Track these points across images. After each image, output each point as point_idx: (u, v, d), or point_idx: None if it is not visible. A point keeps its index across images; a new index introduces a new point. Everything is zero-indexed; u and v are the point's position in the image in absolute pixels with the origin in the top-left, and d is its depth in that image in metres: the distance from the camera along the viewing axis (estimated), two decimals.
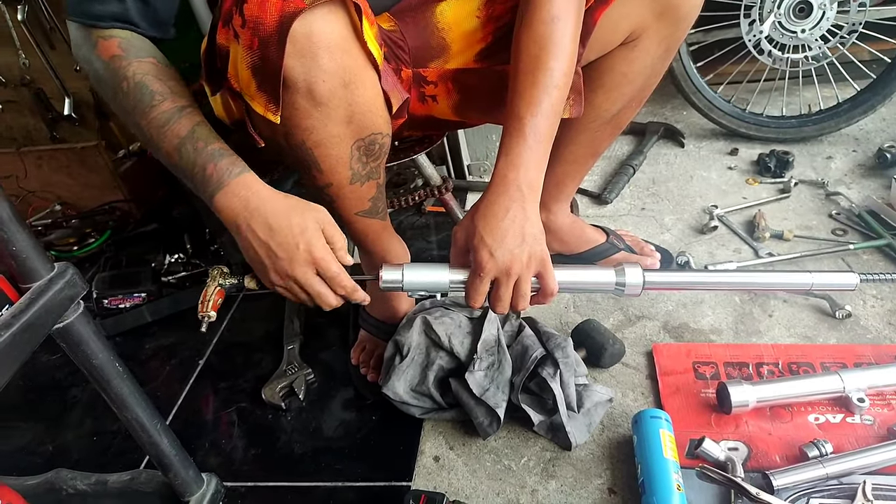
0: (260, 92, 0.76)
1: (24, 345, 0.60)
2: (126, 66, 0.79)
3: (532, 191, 0.82)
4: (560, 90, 0.83)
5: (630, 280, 0.88)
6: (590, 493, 0.93)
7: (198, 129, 0.79)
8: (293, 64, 0.73)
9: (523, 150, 0.82)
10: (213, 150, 0.78)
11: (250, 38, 0.72)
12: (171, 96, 0.80)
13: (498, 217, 0.80)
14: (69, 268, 0.67)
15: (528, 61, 0.83)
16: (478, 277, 0.81)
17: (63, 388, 1.35)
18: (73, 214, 1.96)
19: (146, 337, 1.46)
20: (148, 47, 0.82)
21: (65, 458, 1.17)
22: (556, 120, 0.84)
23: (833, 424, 0.95)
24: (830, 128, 1.65)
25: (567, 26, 0.83)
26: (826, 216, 1.42)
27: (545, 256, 0.83)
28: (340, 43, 0.75)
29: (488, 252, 0.80)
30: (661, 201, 1.58)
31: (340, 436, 1.11)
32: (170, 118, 0.79)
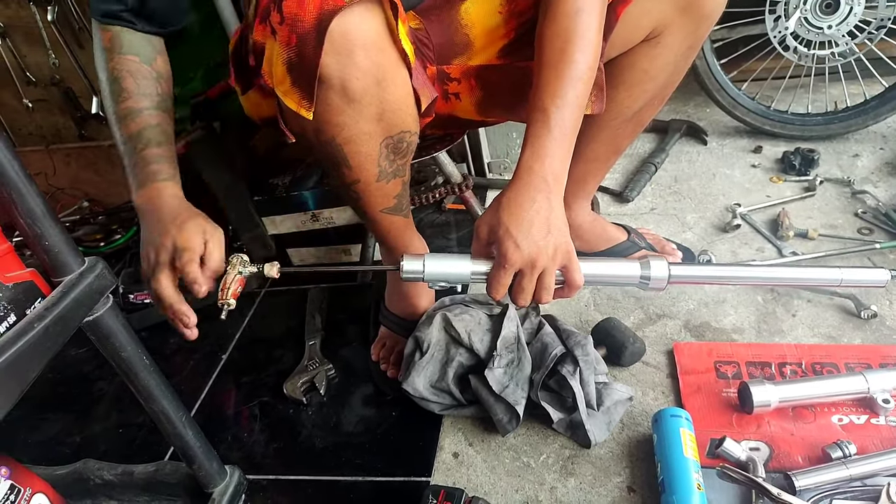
0: (294, 88, 0.77)
1: (56, 336, 0.61)
2: (110, 60, 0.90)
3: (557, 182, 0.82)
4: (585, 83, 0.83)
5: (655, 273, 0.86)
6: (609, 492, 0.93)
7: (146, 132, 0.88)
8: (329, 61, 0.74)
9: (548, 141, 0.81)
10: (151, 154, 0.87)
11: (288, 35, 0.73)
12: (136, 96, 0.89)
13: (524, 208, 0.80)
14: (99, 262, 0.68)
15: (553, 54, 0.83)
16: (502, 269, 0.80)
17: (90, 381, 1.38)
18: (100, 211, 2.00)
19: (170, 332, 1.46)
20: (136, 44, 0.91)
21: (92, 449, 1.20)
22: (580, 113, 0.84)
23: (857, 425, 0.94)
24: (857, 125, 1.63)
25: (591, 18, 0.83)
26: (852, 215, 1.40)
27: (571, 249, 0.82)
28: (376, 41, 0.76)
29: (514, 243, 0.79)
30: (684, 199, 1.56)
31: (360, 431, 1.12)
32: (127, 115, 0.88)
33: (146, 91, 0.90)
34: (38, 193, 0.61)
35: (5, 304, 0.60)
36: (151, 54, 0.93)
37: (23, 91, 1.95)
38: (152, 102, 0.90)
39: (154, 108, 0.90)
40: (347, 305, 1.43)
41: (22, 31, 1.83)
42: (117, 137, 0.90)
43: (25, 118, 2.03)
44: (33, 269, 0.65)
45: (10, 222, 0.63)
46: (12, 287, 0.62)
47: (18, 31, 1.84)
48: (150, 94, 0.91)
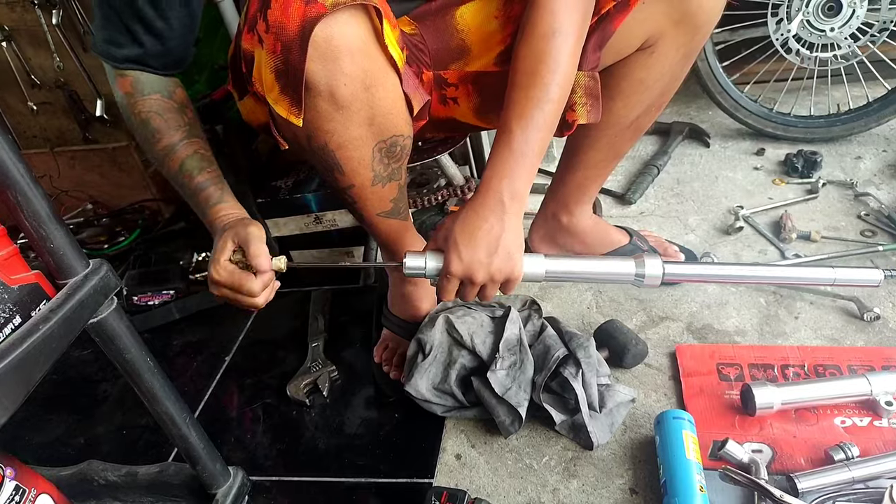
0: (283, 95, 0.78)
1: (61, 338, 0.62)
2: (134, 104, 0.92)
3: (515, 202, 0.83)
4: (554, 104, 0.83)
5: (650, 271, 0.88)
6: (611, 493, 0.93)
7: (186, 162, 0.92)
8: (315, 68, 0.75)
9: (510, 161, 0.83)
10: (198, 183, 0.92)
11: (273, 43, 0.74)
12: (167, 133, 0.92)
13: (475, 225, 0.82)
14: (104, 264, 0.69)
15: (524, 75, 0.83)
16: (444, 277, 0.84)
17: (94, 382, 1.39)
18: (104, 213, 2.01)
19: (174, 333, 1.49)
20: (155, 83, 0.94)
21: (95, 450, 1.20)
22: (547, 134, 0.85)
23: (860, 428, 0.94)
24: (860, 127, 1.63)
25: (566, 41, 0.83)
26: (855, 217, 1.40)
27: (513, 272, 0.84)
28: (361, 47, 0.76)
29: (457, 256, 0.82)
30: (686, 202, 1.56)
31: (363, 432, 1.12)
32: (167, 154, 0.92)
33: (175, 125, 0.93)
34: (43, 196, 0.62)
35: (11, 306, 0.61)
36: (171, 87, 0.96)
37: (27, 94, 1.96)
38: (183, 134, 0.94)
39: (186, 139, 0.94)
40: (350, 308, 1.43)
41: (27, 34, 1.84)
42: (168, 175, 0.95)
43: (30, 121, 2.03)
44: (38, 271, 0.66)
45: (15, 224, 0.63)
46: (17, 289, 0.62)
47: (23, 35, 1.84)
48: (180, 126, 0.94)
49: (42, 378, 0.61)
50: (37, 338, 0.59)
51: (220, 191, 0.93)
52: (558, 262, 0.88)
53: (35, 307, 0.64)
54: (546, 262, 0.87)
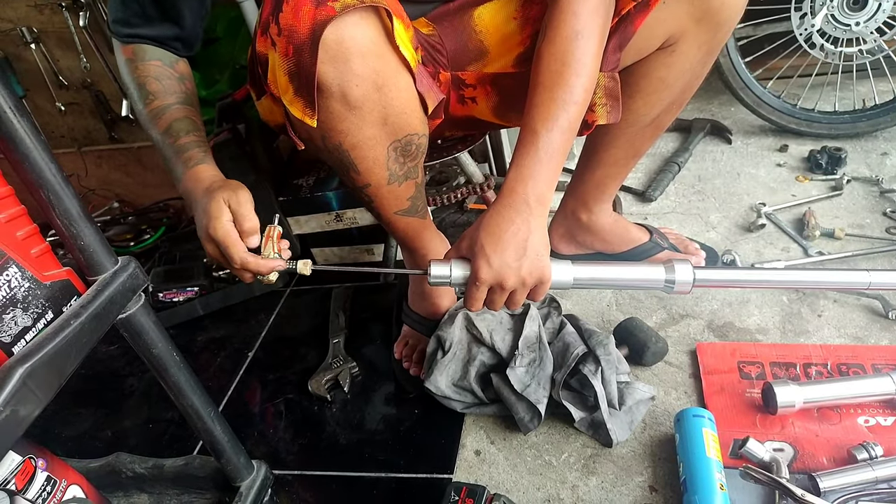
0: (297, 97, 0.79)
1: (92, 333, 0.63)
2: (135, 68, 0.95)
3: (540, 204, 0.82)
4: (579, 106, 0.83)
5: (680, 277, 0.86)
6: (630, 491, 0.93)
7: (175, 124, 0.93)
8: (326, 70, 0.76)
9: (534, 163, 0.82)
10: (182, 144, 0.91)
11: (286, 46, 0.75)
12: (161, 95, 0.94)
13: (501, 228, 0.81)
14: (132, 261, 0.70)
15: (549, 76, 0.83)
16: (473, 285, 0.83)
17: (121, 377, 1.42)
18: (130, 211, 2.05)
19: (198, 330, 1.52)
20: (158, 52, 0.96)
21: (123, 443, 1.23)
22: (571, 135, 0.84)
23: (884, 427, 0.93)
24: (886, 123, 1.60)
25: (590, 43, 0.83)
26: (880, 214, 1.38)
27: (544, 274, 0.83)
28: (372, 48, 0.77)
29: (486, 262, 0.81)
30: (707, 199, 1.55)
31: (383, 428, 1.13)
32: (157, 114, 0.93)
33: (171, 90, 0.96)
34: (74, 195, 0.63)
35: (43, 301, 0.63)
36: (173, 59, 0.98)
37: (55, 94, 2.00)
38: (178, 99, 0.96)
39: (180, 103, 0.95)
40: (370, 304, 1.45)
41: (55, 36, 1.88)
42: (153, 137, 0.95)
43: (58, 121, 2.08)
44: (69, 268, 0.67)
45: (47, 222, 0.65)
46: (49, 285, 0.64)
47: (51, 37, 1.89)
48: (175, 91, 0.96)
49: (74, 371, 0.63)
50: (68, 332, 0.60)
51: (203, 153, 0.92)
52: (586, 269, 0.87)
53: (66, 303, 0.65)
54: (574, 270, 0.86)
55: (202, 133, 0.96)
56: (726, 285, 1.09)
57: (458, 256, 0.86)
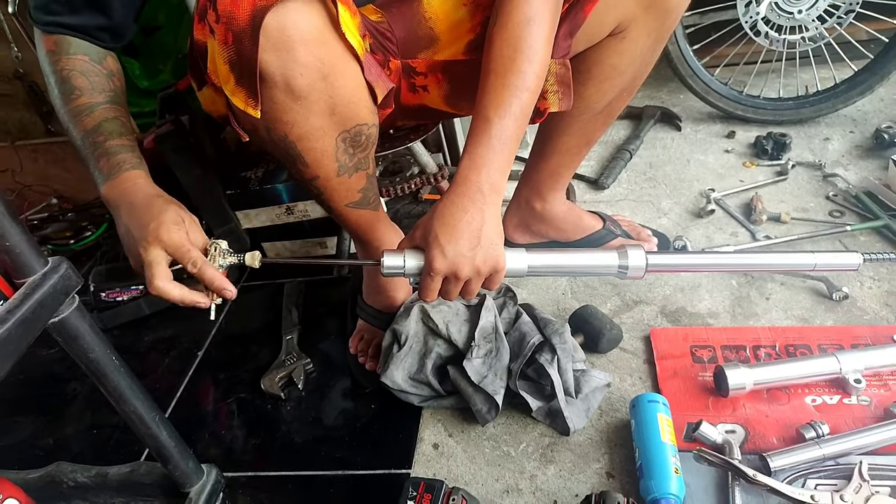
0: (239, 87, 0.76)
1: (20, 339, 0.60)
2: (57, 61, 0.87)
3: (494, 193, 0.82)
4: (531, 93, 0.82)
5: (633, 262, 0.87)
6: (588, 478, 0.93)
7: (105, 124, 0.86)
8: (269, 58, 0.73)
9: (487, 151, 0.81)
10: (112, 146, 0.85)
11: (224, 33, 0.72)
12: (89, 92, 0.87)
13: (455, 217, 0.80)
14: (63, 262, 0.66)
15: (501, 63, 0.82)
16: (428, 276, 0.81)
17: (62, 381, 1.36)
18: (69, 208, 1.96)
19: (144, 329, 1.46)
20: (83, 45, 0.89)
21: (65, 451, 1.18)
22: (524, 122, 0.83)
23: (830, 406, 0.95)
24: (828, 109, 1.65)
25: (541, 29, 0.82)
26: (823, 198, 1.42)
27: (498, 262, 0.82)
28: (316, 35, 0.74)
29: (440, 252, 0.80)
30: (658, 186, 1.57)
31: (340, 425, 1.11)
32: (82, 111, 0.86)
33: (99, 87, 0.89)
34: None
35: None
36: (101, 54, 0.91)
37: None
38: (107, 97, 0.89)
39: (110, 102, 0.89)
40: (324, 299, 1.42)
41: None
42: (73, 135, 0.87)
43: None
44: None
45: None
46: None
47: None
48: (105, 89, 0.90)
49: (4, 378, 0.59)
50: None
51: (137, 159, 0.86)
52: (540, 257, 0.87)
53: None
54: (528, 257, 0.86)
55: (134, 138, 0.89)
56: (678, 269, 1.11)
57: (412, 246, 0.84)
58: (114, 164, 0.84)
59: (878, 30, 1.62)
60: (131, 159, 0.85)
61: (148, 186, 0.84)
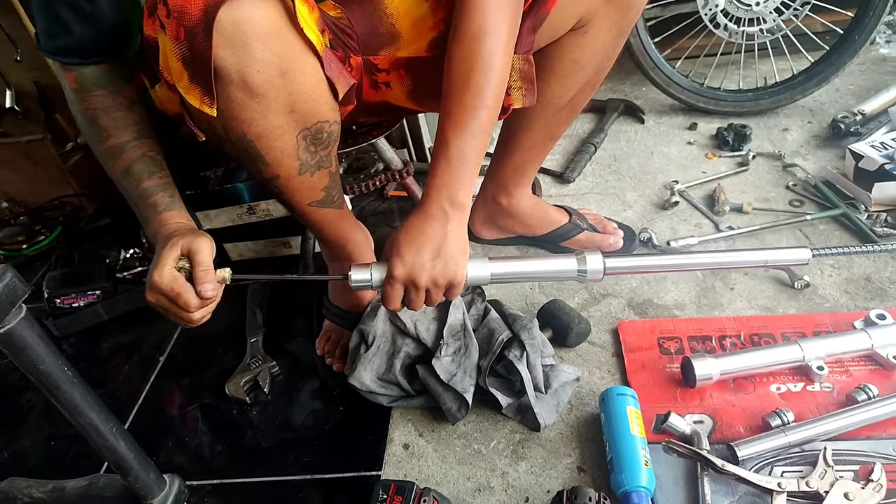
0: (193, 84, 0.73)
1: None
2: (80, 101, 0.88)
3: (457, 210, 0.83)
4: (489, 110, 0.83)
5: (591, 266, 0.89)
6: (559, 473, 0.93)
7: (134, 166, 0.87)
8: (223, 55, 0.70)
9: (447, 172, 0.82)
10: (145, 188, 0.86)
11: (176, 29, 0.69)
12: (115, 132, 0.88)
13: (418, 231, 0.82)
14: (8, 270, 0.63)
15: (458, 80, 0.82)
16: (388, 283, 0.83)
17: (16, 392, 1.30)
18: (21, 211, 1.88)
19: (103, 335, 1.41)
20: (100, 77, 0.88)
21: (21, 464, 1.13)
22: (484, 138, 0.84)
23: (794, 393, 0.97)
24: (786, 100, 1.67)
25: (497, 41, 0.81)
26: (783, 188, 1.44)
27: (456, 276, 0.84)
28: (273, 30, 0.72)
29: (400, 261, 0.82)
30: (623, 178, 1.58)
31: (308, 427, 1.09)
32: (114, 155, 0.87)
33: (123, 123, 0.89)
34: None
35: None
36: (119, 83, 0.90)
37: None
38: (132, 134, 0.89)
39: (136, 140, 0.88)
40: (289, 300, 1.39)
41: None
42: (113, 177, 0.89)
43: None
44: None
45: None
46: None
47: None
48: (129, 124, 0.89)
49: None
50: None
51: (171, 198, 0.87)
52: (502, 265, 0.89)
53: None
54: (490, 266, 0.88)
55: (165, 172, 0.89)
56: (635, 271, 1.12)
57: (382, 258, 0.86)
58: (148, 207, 0.85)
59: (833, 21, 1.66)
60: (162, 200, 0.86)
61: (169, 227, 0.83)
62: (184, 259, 0.78)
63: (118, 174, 0.88)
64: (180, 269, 0.78)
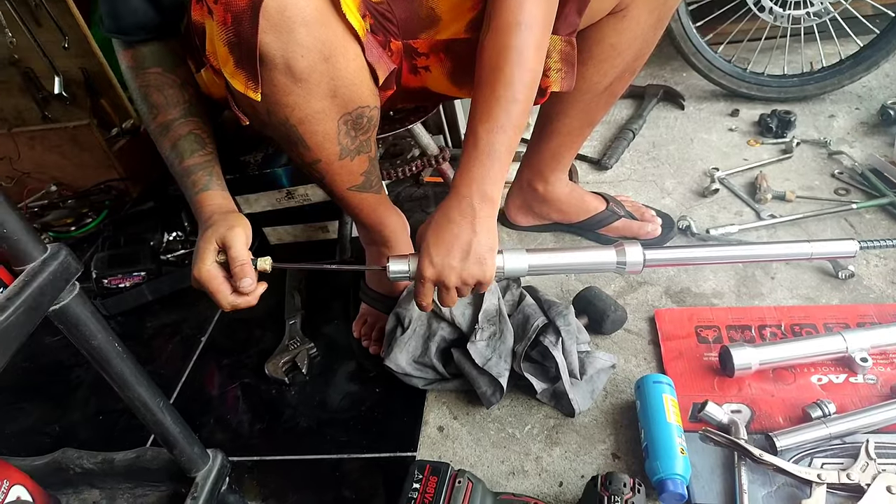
0: (238, 69, 0.74)
1: (21, 327, 0.59)
2: (135, 78, 0.90)
3: (486, 205, 0.82)
4: (521, 104, 0.82)
5: (631, 258, 0.89)
6: (594, 459, 0.93)
7: (180, 143, 0.88)
8: (269, 40, 0.71)
9: (477, 166, 0.82)
10: (187, 166, 0.87)
11: (223, 14, 0.70)
12: (165, 109, 0.89)
13: (445, 230, 0.82)
14: (62, 248, 0.66)
15: (490, 72, 0.81)
16: (418, 282, 0.85)
17: (67, 368, 1.36)
18: (69, 195, 1.95)
19: (148, 315, 1.46)
20: (157, 55, 0.90)
21: (71, 437, 1.18)
22: (515, 133, 0.83)
23: (836, 385, 0.95)
24: (833, 85, 1.63)
25: (531, 34, 0.80)
26: (829, 176, 1.40)
27: (485, 276, 0.83)
28: (317, 16, 0.73)
29: (429, 261, 0.82)
30: (662, 165, 1.56)
31: (344, 408, 1.11)
32: (163, 131, 0.89)
33: (174, 101, 0.90)
34: None
35: None
36: (174, 62, 0.91)
37: None
38: (181, 112, 0.90)
39: (183, 117, 0.89)
40: (327, 283, 1.41)
41: None
42: (163, 155, 0.91)
43: None
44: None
45: None
46: None
47: None
48: (179, 102, 0.90)
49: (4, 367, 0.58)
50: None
51: (209, 176, 0.88)
52: (540, 257, 0.89)
53: None
54: (529, 258, 0.88)
55: (209, 149, 0.90)
56: (676, 263, 1.11)
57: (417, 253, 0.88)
58: (189, 186, 0.87)
59: (884, 4, 1.60)
60: (202, 178, 0.87)
61: (206, 211, 0.85)
62: (221, 253, 0.80)
63: (166, 152, 0.89)
64: (221, 263, 0.80)
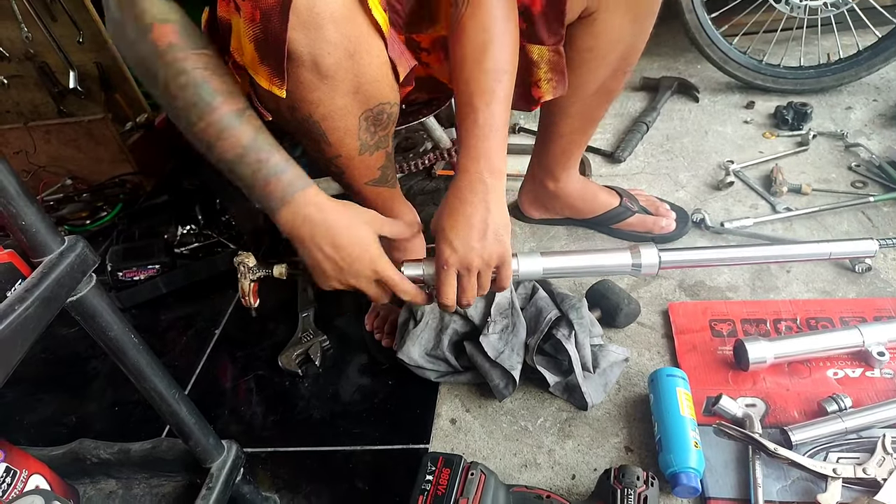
0: (263, 65, 0.74)
1: (39, 318, 0.60)
2: (184, 59, 0.73)
3: (495, 178, 0.82)
4: (509, 75, 0.83)
5: (646, 261, 0.90)
6: (606, 452, 0.93)
7: (259, 137, 0.77)
8: (297, 37, 0.71)
9: (480, 141, 0.81)
10: (276, 163, 0.79)
11: (252, 11, 0.70)
12: (231, 97, 0.76)
13: (459, 211, 0.82)
14: (79, 241, 0.66)
15: (476, 48, 0.82)
16: (442, 271, 0.84)
17: (83, 359, 1.37)
18: (84, 188, 1.96)
19: (162, 308, 1.47)
20: (202, 39, 0.77)
21: (88, 428, 1.19)
22: (508, 105, 0.83)
23: (852, 379, 0.94)
24: (850, 77, 1.60)
25: (510, 12, 0.83)
26: (845, 168, 1.39)
27: (505, 252, 0.84)
28: (345, 12, 0.73)
29: (449, 246, 0.82)
30: (676, 158, 1.55)
31: (357, 400, 1.12)
32: (230, 123, 0.76)
33: (236, 90, 0.78)
34: (10, 171, 0.59)
35: None
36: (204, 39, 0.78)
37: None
38: (245, 102, 0.79)
39: (250, 109, 0.79)
40: None
41: None
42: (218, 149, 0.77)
43: (1, 95, 1.97)
44: (11, 250, 0.63)
45: None
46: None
47: None
48: (240, 91, 0.79)
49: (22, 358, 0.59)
50: (13, 318, 0.56)
51: (303, 174, 0.82)
52: (555, 260, 0.89)
53: (10, 287, 0.61)
54: (543, 261, 0.89)
55: None
56: (692, 265, 1.10)
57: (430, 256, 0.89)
58: (285, 184, 0.79)
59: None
60: (301, 176, 0.81)
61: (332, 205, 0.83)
62: None
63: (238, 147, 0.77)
64: None
